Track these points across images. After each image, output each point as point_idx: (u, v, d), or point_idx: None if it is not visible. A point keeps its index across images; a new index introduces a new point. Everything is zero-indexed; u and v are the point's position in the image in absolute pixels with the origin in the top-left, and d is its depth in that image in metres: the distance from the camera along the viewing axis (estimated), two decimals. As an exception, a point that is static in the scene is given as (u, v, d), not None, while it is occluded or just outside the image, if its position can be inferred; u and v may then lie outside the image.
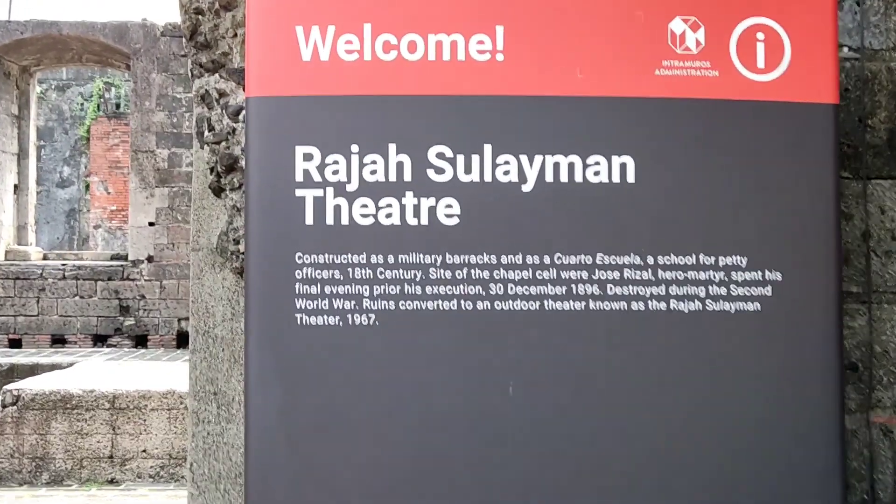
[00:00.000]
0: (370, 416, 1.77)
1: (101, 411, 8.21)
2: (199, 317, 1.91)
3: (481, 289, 1.81)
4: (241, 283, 1.93)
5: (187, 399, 1.93)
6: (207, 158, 1.95)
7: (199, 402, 1.92)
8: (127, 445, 8.20)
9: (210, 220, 1.94)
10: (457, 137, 1.83)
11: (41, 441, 8.17)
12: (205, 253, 1.93)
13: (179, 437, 8.21)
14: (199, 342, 1.92)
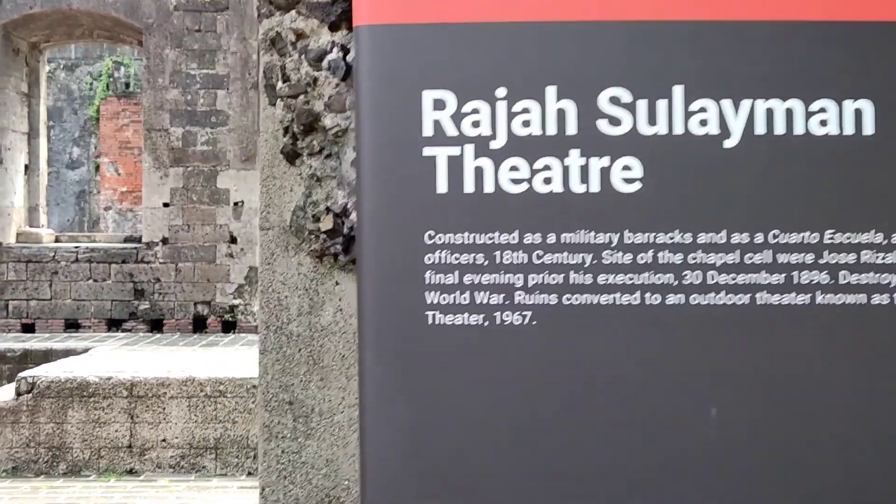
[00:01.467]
0: (523, 444, 1.39)
1: (118, 399, 7.93)
2: (270, 310, 1.58)
3: (672, 277, 1.41)
4: (321, 268, 1.59)
5: (257, 410, 1.60)
6: (280, 117, 1.61)
7: (270, 413, 1.59)
8: (146, 435, 7.92)
9: (282, 192, 1.60)
10: (637, 77, 1.42)
11: (58, 430, 7.88)
12: (276, 233, 1.60)
13: (200, 426, 7.92)
14: (271, 341, 1.59)
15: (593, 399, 1.40)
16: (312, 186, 1.59)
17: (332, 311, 1.58)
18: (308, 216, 1.59)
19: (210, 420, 7.95)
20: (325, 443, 1.56)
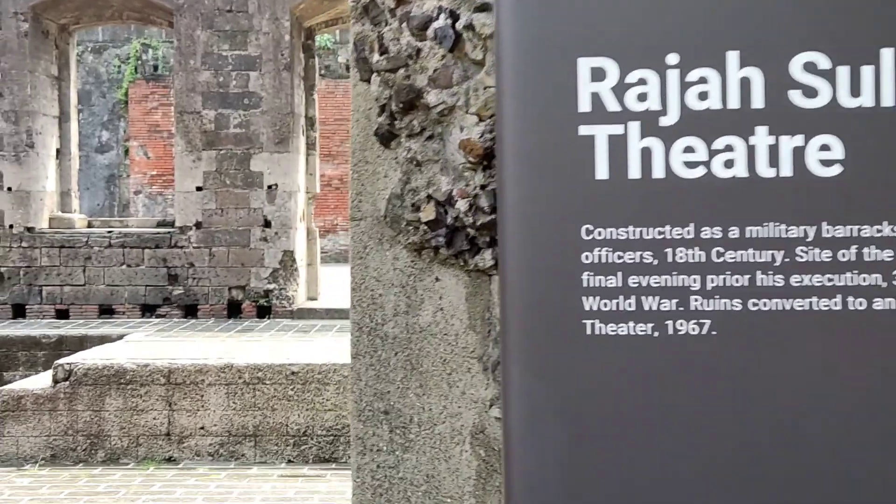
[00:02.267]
0: (709, 479, 1.16)
1: (156, 387, 7.82)
2: (363, 309, 1.40)
3: (880, 278, 1.17)
4: (419, 263, 1.41)
5: (350, 420, 1.42)
6: (375, 94, 1.43)
7: (364, 423, 1.42)
8: (184, 422, 7.80)
9: (375, 178, 1.42)
10: (837, 38, 1.18)
11: (95, 418, 7.79)
12: (368, 224, 1.42)
13: (238, 413, 7.80)
14: (364, 344, 1.41)
15: (796, 426, 1.15)
16: (411, 172, 1.40)
17: (432, 311, 1.40)
18: (406, 205, 1.40)
19: (249, 407, 7.83)
20: (424, 456, 1.38)
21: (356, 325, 1.41)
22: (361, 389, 1.40)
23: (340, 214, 23.02)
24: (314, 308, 11.45)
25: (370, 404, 1.41)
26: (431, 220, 1.39)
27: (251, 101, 11.25)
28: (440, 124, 1.41)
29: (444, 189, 1.41)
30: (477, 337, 1.40)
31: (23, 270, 11.33)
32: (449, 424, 1.38)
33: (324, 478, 7.34)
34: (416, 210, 1.40)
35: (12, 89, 11.27)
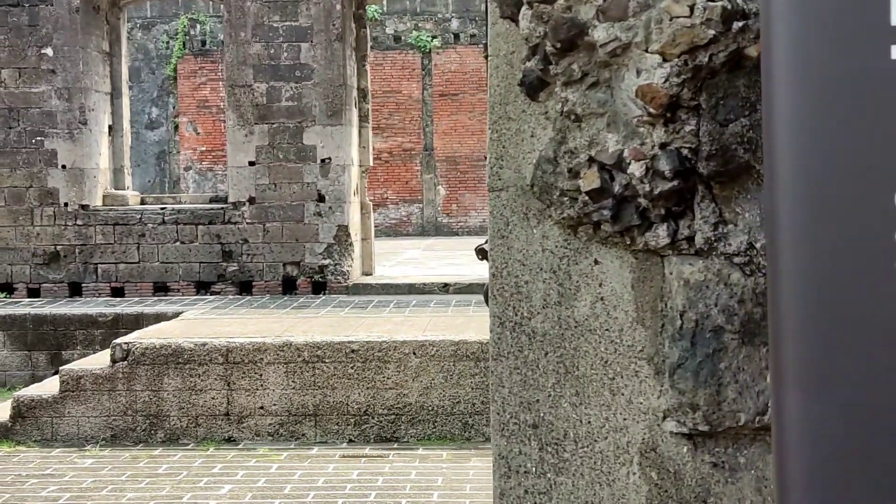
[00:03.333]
0: None
1: (214, 366, 7.68)
2: (505, 300, 1.15)
3: None
4: (574, 243, 1.15)
5: (491, 434, 1.18)
6: (526, 31, 1.16)
7: (508, 440, 1.17)
8: (243, 402, 7.67)
9: (520, 139, 1.16)
10: None
11: (154, 398, 7.68)
12: (511, 195, 1.16)
13: (298, 392, 7.64)
14: (507, 342, 1.16)
15: None
16: (567, 129, 1.14)
17: (590, 301, 1.14)
18: (560, 171, 1.14)
19: (308, 386, 7.66)
20: (582, 480, 1.13)
21: (497, 320, 1.16)
22: (504, 398, 1.15)
23: (390, 188, 22.83)
24: (369, 283, 11.27)
25: (515, 416, 1.16)
26: (594, 189, 1.13)
27: (303, 73, 11.03)
28: (608, 68, 1.15)
29: (612, 150, 1.15)
30: (646, 333, 1.14)
31: (78, 248, 11.27)
32: (612, 441, 1.13)
33: (386, 458, 7.16)
34: (574, 176, 1.14)
35: (65, 66, 11.16)
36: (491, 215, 1.18)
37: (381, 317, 9.10)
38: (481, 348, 7.62)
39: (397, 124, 22.91)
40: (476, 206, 23.19)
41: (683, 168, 1.13)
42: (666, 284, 1.15)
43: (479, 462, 6.97)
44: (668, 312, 1.14)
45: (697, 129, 1.12)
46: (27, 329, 10.10)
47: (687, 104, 1.12)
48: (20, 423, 7.68)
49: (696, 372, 1.11)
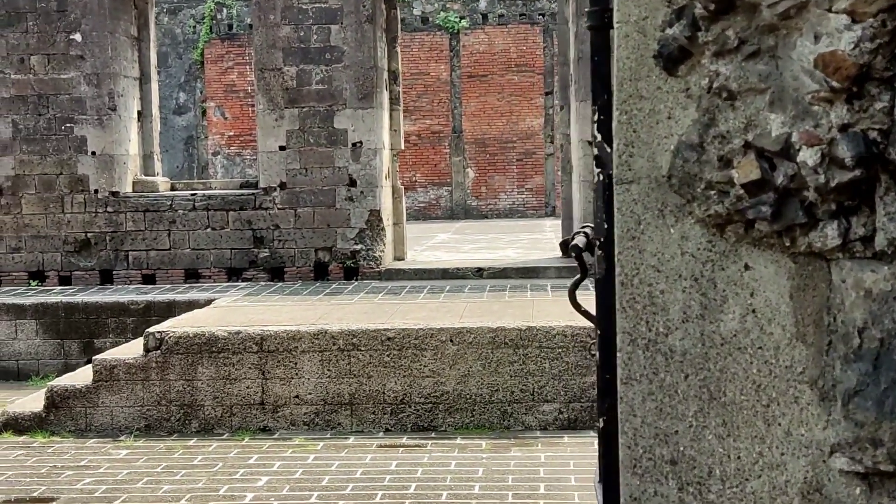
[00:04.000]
0: None
1: (248, 354, 7.56)
2: (637, 313, 0.97)
3: None
4: (720, 244, 0.96)
5: (621, 472, 0.99)
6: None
7: (640, 477, 0.99)
8: (278, 391, 7.55)
9: (654, 121, 0.97)
10: None
11: (188, 387, 7.57)
12: (643, 188, 0.97)
13: (333, 381, 7.51)
14: (639, 362, 0.98)
15: None
16: (717, 109, 0.95)
17: (739, 314, 0.96)
18: (707, 158, 0.95)
19: (344, 374, 7.53)
20: (730, 529, 0.94)
21: (626, 336, 0.98)
22: (636, 429, 0.97)
23: (419, 171, 22.66)
24: (402, 269, 11.11)
25: (649, 450, 0.97)
26: (752, 181, 0.94)
27: (333, 55, 10.85)
28: (774, 33, 0.95)
29: (776, 133, 0.95)
30: (808, 351, 0.95)
31: (108, 236, 11.18)
32: (767, 479, 0.94)
33: (424, 448, 7.02)
34: (725, 166, 0.95)
35: (93, 52, 11.05)
36: (618, 213, 0.99)
37: (415, 303, 8.94)
38: (520, 335, 7.45)
39: (425, 106, 22.70)
40: (505, 189, 22.98)
41: (869, 154, 0.94)
42: (834, 293, 0.96)
43: (519, 452, 6.82)
44: (839, 327, 0.95)
45: (891, 107, 0.93)
46: (59, 317, 10.04)
47: (879, 76, 0.93)
48: (54, 413, 7.60)
49: (881, 401, 0.92)
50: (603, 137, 1.34)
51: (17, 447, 7.23)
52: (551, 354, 7.45)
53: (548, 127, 22.80)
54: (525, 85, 22.79)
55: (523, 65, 22.79)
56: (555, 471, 6.36)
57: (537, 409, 7.45)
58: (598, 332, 1.77)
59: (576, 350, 7.43)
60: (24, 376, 10.00)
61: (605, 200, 1.36)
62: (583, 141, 10.74)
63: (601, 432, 1.47)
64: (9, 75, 11.02)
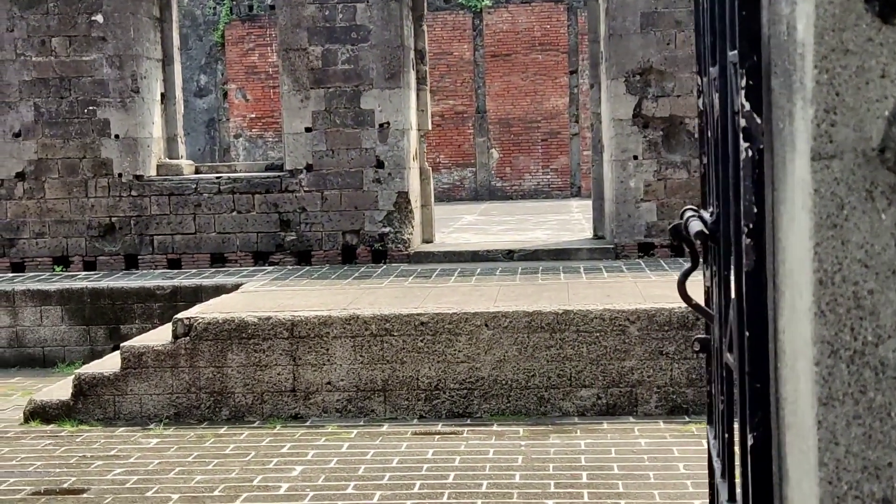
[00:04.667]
0: None
1: (279, 340, 7.41)
2: (838, 318, 0.78)
3: None
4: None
5: None
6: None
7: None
8: (309, 377, 7.39)
9: (863, 81, 0.77)
10: None
11: (218, 374, 7.43)
12: (847, 164, 0.78)
13: (366, 367, 7.35)
14: (842, 378, 0.79)
15: None
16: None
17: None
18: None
19: (377, 360, 7.37)
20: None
21: (826, 346, 0.79)
22: (838, 460, 0.78)
23: (442, 152, 22.44)
24: (431, 251, 10.92)
25: (856, 486, 0.78)
26: None
27: (359, 34, 10.64)
28: None
29: None
30: None
31: (133, 220, 11.05)
32: None
33: (460, 435, 6.85)
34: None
35: (115, 33, 10.88)
36: (814, 195, 0.80)
37: (447, 286, 8.76)
38: (556, 319, 7.26)
39: (449, 87, 22.45)
40: (530, 170, 22.73)
41: None
42: None
43: (558, 439, 6.64)
44: None
45: None
46: (85, 303, 9.92)
47: None
48: (82, 401, 7.48)
49: None
50: (752, 107, 1.15)
51: (45, 436, 7.12)
52: (589, 339, 7.26)
53: (573, 106, 22.51)
54: (549, 64, 22.49)
55: (547, 43, 22.48)
56: (596, 458, 6.18)
57: (575, 394, 7.27)
58: (734, 330, 1.57)
59: (613, 334, 7.23)
60: (49, 363, 9.89)
61: (755, 180, 1.18)
62: (615, 119, 10.49)
63: (751, 449, 1.28)
64: (30, 58, 10.87)
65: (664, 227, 10.49)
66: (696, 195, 10.40)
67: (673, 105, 10.37)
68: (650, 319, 7.21)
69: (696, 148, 10.39)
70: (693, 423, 6.92)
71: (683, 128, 10.41)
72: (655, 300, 7.49)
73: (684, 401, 7.19)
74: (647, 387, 7.22)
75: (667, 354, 7.20)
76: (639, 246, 10.54)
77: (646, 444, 6.46)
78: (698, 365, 7.14)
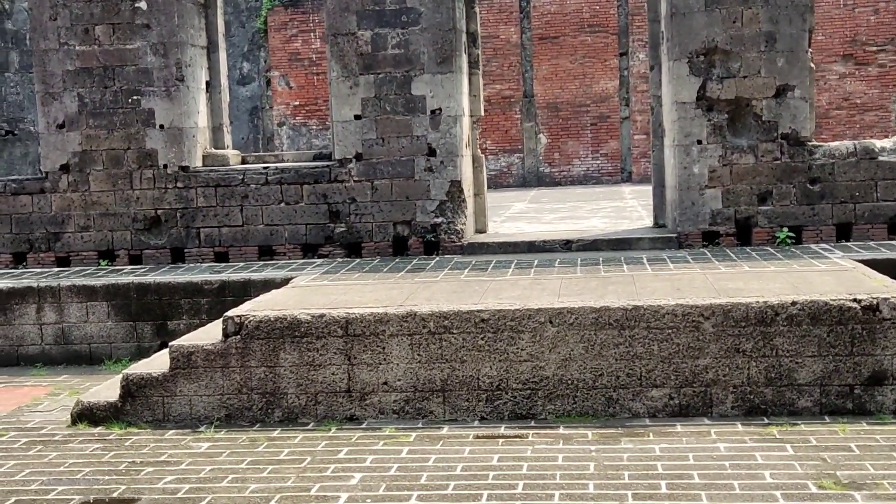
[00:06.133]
0: None
1: (333, 339, 7.10)
2: None
3: None
4: None
5: None
6: None
7: None
8: (365, 377, 7.07)
9: None
10: None
11: (270, 374, 7.14)
12: None
13: (424, 366, 7.01)
14: None
15: None
16: None
17: None
18: None
19: (435, 359, 7.02)
20: None
21: None
22: None
23: (489, 138, 22.01)
24: (485, 242, 10.54)
25: None
26: None
27: (409, 17, 10.25)
28: None
29: None
30: None
31: (179, 212, 10.78)
32: None
33: (525, 438, 6.48)
34: None
35: (159, 20, 10.59)
36: None
37: (505, 280, 8.38)
38: (625, 315, 6.86)
39: (495, 71, 21.99)
40: (579, 155, 22.24)
41: None
42: None
43: (630, 444, 6.24)
44: None
45: None
46: (131, 299, 9.68)
47: None
48: (130, 402, 7.22)
49: None
50: None
51: (94, 440, 6.86)
52: (660, 336, 6.85)
53: (623, 89, 21.96)
54: (599, 46, 21.95)
55: (596, 25, 21.94)
56: (674, 466, 5.77)
57: (645, 394, 6.87)
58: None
59: (686, 331, 6.82)
60: (96, 360, 9.67)
61: None
62: (677, 102, 10.02)
63: None
64: (73, 47, 10.62)
65: (730, 215, 10.01)
66: (763, 181, 9.92)
67: (739, 86, 9.87)
68: (725, 315, 6.79)
69: (763, 132, 9.89)
70: (773, 426, 6.49)
71: (750, 110, 9.91)
72: (730, 294, 7.06)
73: (763, 401, 6.76)
74: (722, 386, 6.80)
75: (743, 352, 6.78)
76: (703, 235, 10.07)
77: (725, 450, 6.05)
78: (777, 363, 6.72)
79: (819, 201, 9.95)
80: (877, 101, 21.26)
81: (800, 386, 6.74)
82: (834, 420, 6.59)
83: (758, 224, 10.00)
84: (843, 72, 21.22)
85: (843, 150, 9.99)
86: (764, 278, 7.76)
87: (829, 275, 7.82)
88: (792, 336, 6.75)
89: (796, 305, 6.76)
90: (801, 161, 9.94)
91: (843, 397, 6.71)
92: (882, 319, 6.69)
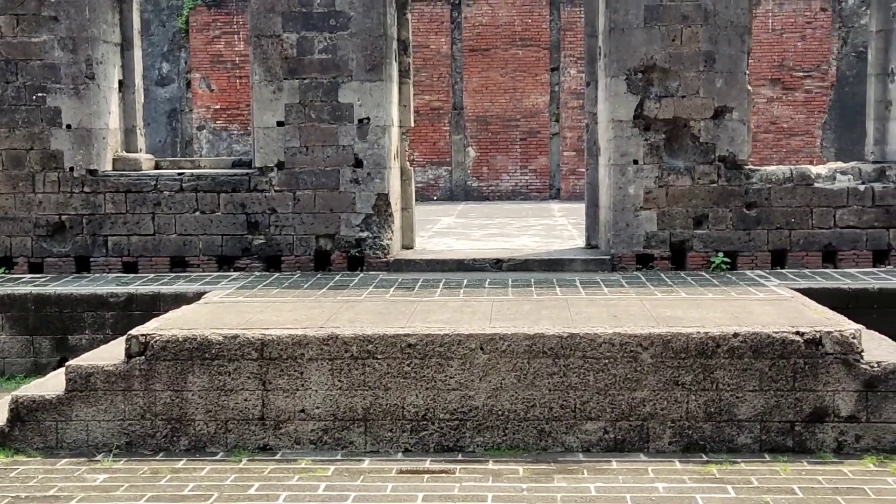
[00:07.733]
0: None
1: (247, 362, 6.58)
2: None
3: None
4: None
5: None
6: None
7: None
8: (280, 404, 6.56)
9: None
10: None
11: (177, 399, 6.58)
12: None
13: (345, 393, 6.54)
14: None
15: None
16: None
17: None
18: None
19: (357, 386, 6.54)
20: None
21: None
22: None
23: (417, 149, 21.57)
24: (412, 259, 10.08)
25: None
26: None
27: (338, 21, 9.76)
28: None
29: None
30: None
31: (85, 219, 10.08)
32: None
33: (452, 474, 6.04)
34: None
35: (69, 12, 9.90)
36: None
37: (434, 301, 7.93)
38: (560, 343, 6.47)
39: (425, 81, 21.58)
40: (508, 170, 21.93)
41: None
42: None
43: (563, 482, 5.84)
44: None
45: None
46: (28, 311, 8.97)
47: None
48: (19, 427, 6.57)
49: None
50: None
51: (-24, 470, 6.18)
52: (596, 366, 6.48)
53: (553, 105, 21.74)
54: (530, 60, 21.69)
55: (528, 39, 21.68)
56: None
57: (579, 427, 6.48)
58: None
59: (624, 361, 6.46)
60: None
61: None
62: (614, 120, 9.71)
63: None
64: (-26, 38, 9.86)
65: (665, 238, 9.73)
66: (699, 204, 9.67)
67: (677, 106, 9.61)
68: (665, 345, 6.45)
69: (700, 153, 9.65)
70: (713, 464, 6.16)
71: (688, 131, 9.66)
72: (669, 322, 6.73)
73: (701, 437, 6.43)
74: (659, 420, 6.45)
75: (682, 385, 6.45)
76: (637, 257, 9.77)
77: (664, 490, 5.69)
78: (717, 397, 6.40)
79: (755, 226, 9.74)
80: (803, 126, 21.43)
81: (740, 422, 6.43)
82: (774, 458, 6.29)
83: (693, 248, 9.74)
84: (771, 95, 21.34)
85: (780, 175, 9.81)
86: (702, 306, 7.46)
87: (769, 304, 7.56)
88: (733, 369, 6.44)
89: (738, 337, 6.46)
90: (737, 185, 9.72)
91: (783, 434, 6.42)
92: (825, 354, 6.42)
